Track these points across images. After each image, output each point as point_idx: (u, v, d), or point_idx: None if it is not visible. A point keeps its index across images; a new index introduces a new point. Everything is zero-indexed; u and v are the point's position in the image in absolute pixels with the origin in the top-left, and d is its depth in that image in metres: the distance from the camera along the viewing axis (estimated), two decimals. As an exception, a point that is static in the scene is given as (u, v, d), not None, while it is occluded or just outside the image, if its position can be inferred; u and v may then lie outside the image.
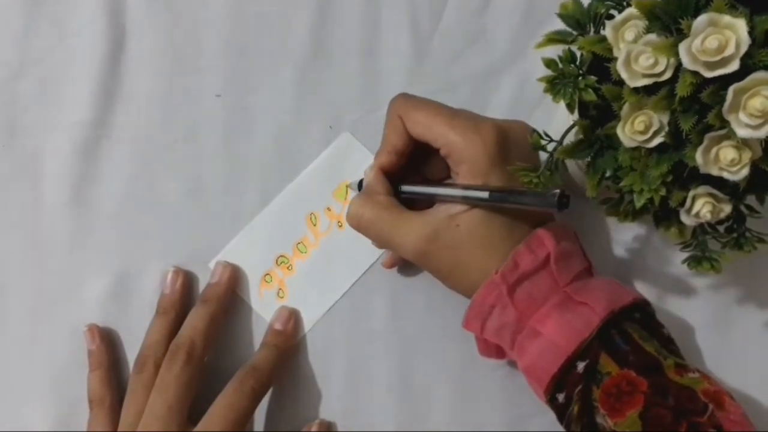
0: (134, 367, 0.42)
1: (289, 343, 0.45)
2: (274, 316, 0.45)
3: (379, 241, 0.42)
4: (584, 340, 0.36)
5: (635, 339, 0.36)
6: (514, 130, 0.40)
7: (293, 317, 0.45)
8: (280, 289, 0.46)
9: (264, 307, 0.46)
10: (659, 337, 0.38)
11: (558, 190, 0.34)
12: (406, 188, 0.41)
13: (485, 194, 0.37)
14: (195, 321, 0.43)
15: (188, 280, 0.45)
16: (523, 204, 0.36)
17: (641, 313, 0.38)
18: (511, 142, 0.39)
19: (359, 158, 0.47)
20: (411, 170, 0.43)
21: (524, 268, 0.37)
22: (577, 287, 0.38)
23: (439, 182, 0.43)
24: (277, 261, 0.46)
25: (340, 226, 0.46)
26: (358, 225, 0.41)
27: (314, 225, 0.47)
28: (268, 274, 0.46)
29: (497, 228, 0.38)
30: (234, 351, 0.45)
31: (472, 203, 0.38)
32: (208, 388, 0.42)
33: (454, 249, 0.38)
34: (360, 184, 0.43)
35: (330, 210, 0.47)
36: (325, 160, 0.47)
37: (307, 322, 0.46)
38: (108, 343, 0.45)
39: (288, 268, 0.46)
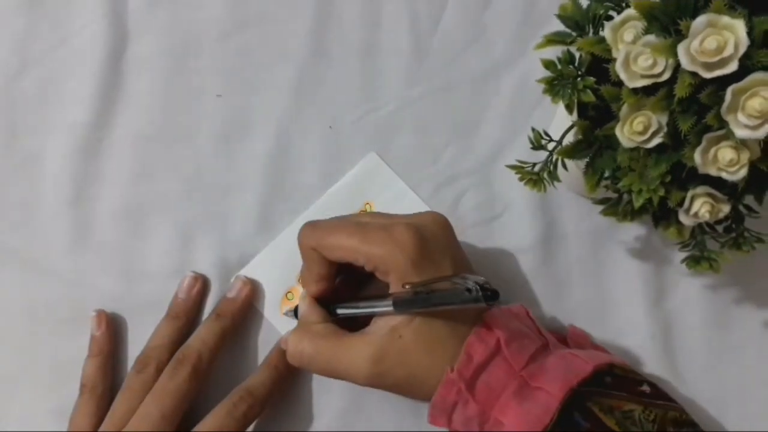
0: (135, 366, 0.42)
1: (292, 365, 0.42)
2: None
3: (327, 374, 0.39)
4: (545, 427, 0.35)
5: (596, 414, 0.35)
6: (427, 223, 0.38)
7: None
8: None
9: (284, 325, 0.45)
10: (636, 395, 0.37)
11: (476, 284, 0.33)
12: (341, 311, 0.40)
13: (413, 297, 0.36)
14: (206, 335, 0.42)
15: (204, 288, 0.45)
16: (451, 304, 0.35)
17: (611, 375, 0.37)
18: (429, 239, 0.37)
19: (384, 179, 0.46)
20: (347, 282, 0.42)
21: (478, 360, 0.36)
22: (533, 370, 0.36)
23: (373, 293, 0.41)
24: (299, 279, 0.45)
25: None
26: (301, 362, 0.39)
27: None
28: (290, 291, 0.45)
29: (441, 327, 0.37)
30: (239, 363, 0.45)
31: (406, 312, 0.37)
32: (203, 396, 0.42)
33: (404, 362, 0.36)
34: (296, 310, 0.42)
35: None
36: (351, 180, 0.46)
37: None
38: (113, 331, 0.44)
39: None
